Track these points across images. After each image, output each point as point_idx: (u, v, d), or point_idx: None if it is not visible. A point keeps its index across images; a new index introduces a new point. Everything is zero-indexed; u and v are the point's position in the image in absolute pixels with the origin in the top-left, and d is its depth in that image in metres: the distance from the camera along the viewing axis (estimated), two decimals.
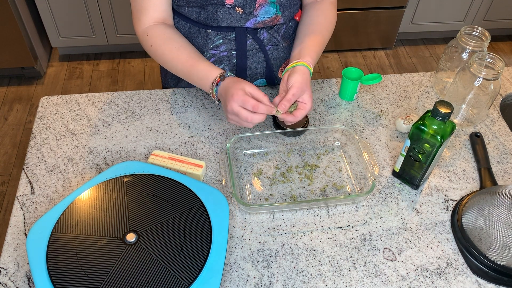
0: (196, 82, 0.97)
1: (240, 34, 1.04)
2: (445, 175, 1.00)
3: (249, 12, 0.99)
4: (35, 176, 0.95)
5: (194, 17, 1.02)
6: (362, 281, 0.81)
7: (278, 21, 1.04)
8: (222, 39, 1.05)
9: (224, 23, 1.01)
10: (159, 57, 0.99)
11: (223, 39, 1.05)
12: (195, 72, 0.95)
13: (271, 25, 1.05)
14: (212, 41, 1.05)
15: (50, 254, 0.73)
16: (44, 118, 1.08)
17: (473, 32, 1.09)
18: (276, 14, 1.01)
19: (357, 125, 1.09)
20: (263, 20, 1.01)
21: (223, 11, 0.98)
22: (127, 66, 2.71)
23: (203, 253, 0.75)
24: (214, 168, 0.98)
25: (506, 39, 3.03)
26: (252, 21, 1.01)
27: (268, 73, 1.14)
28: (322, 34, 1.02)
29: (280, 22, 1.04)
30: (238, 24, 1.01)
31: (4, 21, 2.24)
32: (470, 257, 0.85)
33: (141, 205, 0.81)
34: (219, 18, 1.00)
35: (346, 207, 0.92)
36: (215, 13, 0.99)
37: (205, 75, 0.94)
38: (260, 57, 1.10)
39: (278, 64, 1.14)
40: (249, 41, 1.06)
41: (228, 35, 1.04)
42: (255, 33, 1.05)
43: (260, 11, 0.99)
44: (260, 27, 1.04)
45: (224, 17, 0.99)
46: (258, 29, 1.04)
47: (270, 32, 1.06)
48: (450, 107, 0.83)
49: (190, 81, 0.98)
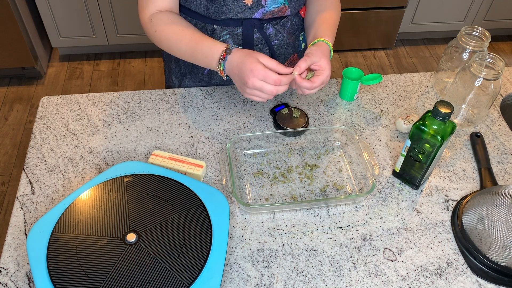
0: (201, 61, 0.95)
1: (247, 29, 1.04)
2: (446, 175, 0.99)
3: (257, 2, 1.00)
4: (36, 176, 0.95)
5: (201, 10, 1.02)
6: (363, 281, 0.81)
7: (285, 12, 1.05)
8: (229, 34, 1.05)
9: (233, 15, 1.01)
10: (163, 42, 0.99)
11: (230, 34, 1.05)
12: (199, 50, 0.94)
13: (279, 16, 1.06)
14: (219, 37, 1.06)
15: (51, 254, 0.73)
16: (45, 118, 1.08)
17: (473, 32, 1.09)
18: (284, 4, 1.02)
19: (358, 125, 1.09)
20: (271, 10, 1.02)
21: (231, 3, 0.99)
22: (127, 66, 2.71)
23: (203, 253, 0.75)
24: (214, 168, 0.98)
25: (506, 39, 3.03)
26: (260, 12, 1.01)
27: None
28: (332, 19, 1.04)
29: (287, 13, 1.06)
30: (247, 16, 1.01)
31: (4, 21, 2.24)
32: (470, 257, 0.85)
33: (141, 205, 0.81)
34: (227, 10, 1.00)
35: (347, 207, 0.92)
36: (223, 5, 0.99)
37: (209, 52, 0.92)
38: (266, 52, 1.10)
39: (283, 60, 1.15)
40: (256, 35, 1.06)
41: (235, 30, 1.05)
42: (261, 28, 1.05)
43: (268, 1, 1.00)
44: (268, 17, 1.04)
45: (233, 9, 1.00)
46: (264, 23, 1.05)
47: (276, 27, 1.07)
48: (451, 107, 0.83)
49: (196, 61, 0.96)
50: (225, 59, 0.90)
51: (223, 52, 0.90)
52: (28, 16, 2.42)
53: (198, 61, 0.96)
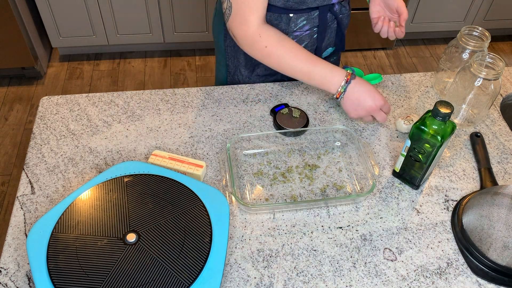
0: (317, 80, 1.00)
1: (323, 11, 1.08)
2: (446, 175, 0.99)
3: None
4: (36, 176, 0.95)
5: (280, 3, 1.04)
6: (363, 281, 0.81)
7: None
8: (306, 20, 1.08)
9: (314, 4, 1.04)
10: (274, 58, 1.00)
11: (307, 20, 1.09)
12: (318, 70, 1.00)
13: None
14: (296, 24, 1.09)
15: (51, 254, 0.73)
16: (45, 118, 1.08)
17: (473, 32, 1.09)
18: None
19: (358, 125, 1.09)
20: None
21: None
22: (127, 66, 2.71)
23: (204, 253, 0.75)
24: (214, 168, 0.98)
25: (506, 39, 3.03)
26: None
27: (339, 41, 1.22)
28: None
29: None
30: (326, 2, 1.06)
31: (4, 21, 2.24)
32: (470, 257, 0.85)
33: (141, 205, 0.81)
34: (308, 0, 1.03)
35: (347, 207, 0.92)
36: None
37: (330, 74, 0.99)
38: (334, 27, 1.16)
39: (344, 30, 1.22)
40: (328, 15, 1.11)
41: (312, 15, 1.08)
42: (332, 7, 1.10)
43: None
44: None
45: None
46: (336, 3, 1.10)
47: (342, 3, 1.13)
48: (451, 107, 0.83)
49: (309, 80, 1.01)
50: (349, 82, 0.99)
51: (347, 76, 0.99)
52: (28, 16, 2.42)
53: (312, 79, 1.01)
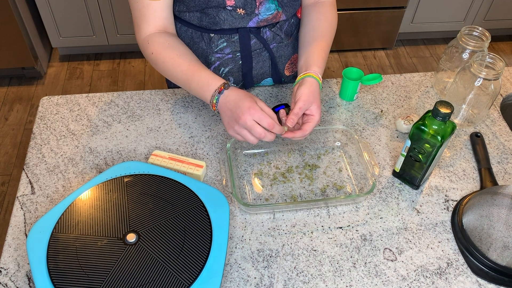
0: (195, 89, 0.94)
1: (243, 35, 1.03)
2: (446, 175, 0.99)
3: (250, 11, 0.99)
4: (36, 176, 0.95)
5: (196, 22, 1.02)
6: (363, 281, 0.81)
7: (280, 17, 1.04)
8: (226, 41, 1.05)
9: (227, 25, 1.00)
10: (159, 64, 0.98)
11: (227, 42, 1.05)
12: (196, 79, 0.93)
13: (274, 23, 1.05)
14: (216, 45, 1.05)
15: (51, 254, 0.73)
16: (45, 118, 1.08)
17: (473, 32, 1.09)
18: (276, 10, 1.01)
19: (358, 125, 1.09)
20: (265, 18, 1.01)
21: (225, 14, 0.98)
22: (127, 66, 2.71)
23: (204, 253, 0.75)
24: (215, 168, 0.98)
25: (506, 39, 3.03)
26: (254, 20, 1.01)
27: (274, 72, 1.15)
28: (325, 39, 1.02)
29: (282, 18, 1.05)
30: (241, 25, 1.01)
31: (4, 21, 2.24)
32: (470, 257, 0.85)
33: (141, 205, 0.81)
34: (221, 21, 0.99)
35: (347, 207, 0.92)
36: (216, 16, 0.99)
37: (206, 83, 0.91)
38: (265, 56, 1.10)
39: (284, 62, 1.15)
40: (253, 41, 1.06)
41: (232, 37, 1.04)
42: (258, 33, 1.05)
43: (261, 9, 0.99)
44: (263, 25, 1.03)
45: (226, 19, 0.99)
46: (261, 28, 1.04)
47: (273, 30, 1.06)
48: (451, 107, 0.83)
49: (189, 88, 0.95)
50: (222, 92, 0.89)
51: (220, 86, 0.89)
52: (28, 16, 2.42)
53: (190, 88, 0.95)
